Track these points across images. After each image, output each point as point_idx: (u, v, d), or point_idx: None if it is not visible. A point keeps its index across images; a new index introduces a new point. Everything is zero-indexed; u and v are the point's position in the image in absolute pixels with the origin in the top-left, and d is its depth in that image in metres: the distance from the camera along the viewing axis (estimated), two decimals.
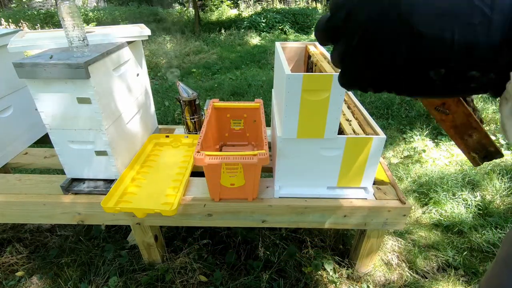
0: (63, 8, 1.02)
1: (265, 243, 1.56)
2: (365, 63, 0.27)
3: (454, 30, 0.23)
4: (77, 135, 1.19)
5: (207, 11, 10.50)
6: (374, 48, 0.26)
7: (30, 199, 1.25)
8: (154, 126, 1.74)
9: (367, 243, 1.35)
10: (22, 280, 1.41)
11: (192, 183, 1.33)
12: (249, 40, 6.90)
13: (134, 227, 1.31)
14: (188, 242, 1.55)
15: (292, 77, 0.97)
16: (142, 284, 1.37)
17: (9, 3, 11.39)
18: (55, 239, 1.62)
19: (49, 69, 1.03)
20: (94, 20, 8.75)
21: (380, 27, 0.25)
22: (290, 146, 1.13)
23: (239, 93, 3.65)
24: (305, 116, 1.04)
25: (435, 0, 0.23)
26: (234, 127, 1.60)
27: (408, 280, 1.42)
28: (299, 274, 1.43)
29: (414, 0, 0.24)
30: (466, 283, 1.41)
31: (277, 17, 8.20)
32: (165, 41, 6.35)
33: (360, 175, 1.20)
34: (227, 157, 1.10)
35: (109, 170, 1.28)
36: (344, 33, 0.27)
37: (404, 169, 2.17)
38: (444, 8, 0.23)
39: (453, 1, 0.23)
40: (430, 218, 1.77)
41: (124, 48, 1.31)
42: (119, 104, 1.28)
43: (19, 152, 1.61)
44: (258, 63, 5.06)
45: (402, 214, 1.23)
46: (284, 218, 1.25)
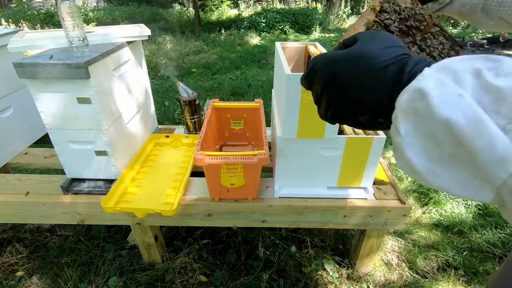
0: (63, 8, 1.02)
1: (265, 243, 1.56)
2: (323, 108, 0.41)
3: (367, 101, 0.37)
4: (77, 135, 1.19)
5: (207, 11, 10.50)
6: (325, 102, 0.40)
7: (30, 199, 1.25)
8: (154, 126, 1.74)
9: (367, 243, 1.35)
10: (22, 280, 1.41)
11: (192, 183, 1.33)
12: (249, 40, 6.90)
13: (134, 227, 1.31)
14: (188, 242, 1.55)
15: (292, 77, 0.97)
16: (142, 284, 1.37)
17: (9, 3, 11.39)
18: (55, 239, 1.62)
19: (49, 69, 1.03)
20: (94, 20, 8.76)
21: (328, 89, 0.39)
22: (290, 146, 1.13)
23: (239, 93, 3.65)
24: (305, 116, 1.04)
25: (357, 81, 0.36)
26: (234, 127, 1.60)
27: (408, 280, 1.42)
28: (299, 274, 1.43)
29: (345, 75, 0.37)
30: (466, 283, 1.41)
31: (277, 17, 8.20)
32: (165, 41, 6.35)
33: (360, 175, 1.20)
34: (227, 157, 1.10)
35: (109, 170, 1.28)
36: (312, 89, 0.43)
37: None
38: (362, 84, 0.36)
39: (366, 86, 0.36)
40: (430, 218, 1.77)
41: (124, 48, 1.31)
42: (119, 104, 1.28)
43: (19, 152, 1.61)
44: (258, 63, 5.06)
45: (402, 214, 1.23)
46: (284, 218, 1.25)
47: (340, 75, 0.37)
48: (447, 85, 0.29)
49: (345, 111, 0.39)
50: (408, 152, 0.32)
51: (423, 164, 0.32)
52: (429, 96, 0.29)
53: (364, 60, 0.36)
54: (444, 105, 0.28)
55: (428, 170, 0.32)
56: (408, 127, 0.32)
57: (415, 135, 0.32)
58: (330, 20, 8.91)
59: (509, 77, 0.27)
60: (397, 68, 0.34)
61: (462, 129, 0.27)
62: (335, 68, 0.37)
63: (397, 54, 0.35)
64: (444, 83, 0.29)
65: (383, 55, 0.35)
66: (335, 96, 0.39)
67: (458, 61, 0.30)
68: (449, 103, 0.28)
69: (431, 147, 0.31)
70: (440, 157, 0.31)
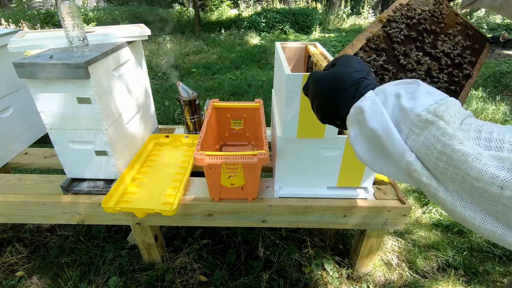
0: (63, 8, 1.02)
1: (265, 243, 1.56)
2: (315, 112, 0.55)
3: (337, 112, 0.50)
4: (77, 135, 1.19)
5: (207, 11, 10.50)
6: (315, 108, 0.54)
7: (30, 199, 1.25)
8: (154, 126, 1.74)
9: (367, 243, 1.35)
10: (22, 280, 1.41)
11: (192, 183, 1.33)
12: (249, 40, 6.90)
13: (134, 227, 1.31)
14: (188, 242, 1.55)
15: (292, 77, 0.97)
16: (142, 284, 1.37)
17: (9, 3, 11.39)
18: (55, 239, 1.62)
19: (49, 69, 1.03)
20: (94, 20, 8.76)
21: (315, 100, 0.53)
22: (290, 146, 1.13)
23: (239, 93, 3.65)
24: (305, 116, 1.04)
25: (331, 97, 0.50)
26: (234, 127, 1.60)
27: (408, 280, 1.42)
28: (299, 274, 1.43)
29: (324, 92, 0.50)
30: (466, 283, 1.41)
31: (277, 17, 8.20)
32: (165, 41, 6.35)
33: (360, 175, 1.20)
34: (227, 157, 1.10)
35: (109, 170, 1.28)
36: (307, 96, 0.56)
37: None
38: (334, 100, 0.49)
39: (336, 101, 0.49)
40: (430, 218, 1.77)
41: (124, 48, 1.31)
42: (119, 104, 1.28)
43: (19, 152, 1.61)
44: (258, 63, 5.06)
45: (402, 214, 1.23)
46: (284, 218, 1.25)
47: (322, 91, 0.51)
48: (376, 104, 0.42)
49: (326, 116, 0.53)
50: (356, 148, 0.46)
51: (365, 155, 0.46)
52: (364, 112, 0.43)
53: (336, 82, 0.49)
54: (372, 119, 0.42)
55: (369, 160, 0.46)
56: (355, 131, 0.46)
57: (359, 137, 0.45)
58: (330, 20, 8.91)
59: (413, 100, 0.39)
60: (354, 89, 0.47)
61: (380, 135, 0.41)
62: (319, 86, 0.51)
63: (357, 78, 0.47)
64: (375, 104, 0.42)
65: (348, 78, 0.47)
66: (319, 106, 0.53)
67: (390, 85, 0.44)
68: (375, 118, 0.42)
69: (368, 145, 0.45)
70: (375, 152, 0.45)
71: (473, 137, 0.34)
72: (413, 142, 0.38)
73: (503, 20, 7.88)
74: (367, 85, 0.46)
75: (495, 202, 0.32)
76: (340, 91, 0.48)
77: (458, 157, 0.33)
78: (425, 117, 0.37)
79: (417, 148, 0.38)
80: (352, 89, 0.47)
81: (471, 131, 0.35)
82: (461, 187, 0.34)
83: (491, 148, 0.33)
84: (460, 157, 0.33)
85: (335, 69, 0.50)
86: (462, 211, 0.35)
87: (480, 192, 0.33)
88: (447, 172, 0.35)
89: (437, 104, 0.37)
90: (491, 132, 0.34)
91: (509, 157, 0.31)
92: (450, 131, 0.35)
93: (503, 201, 0.31)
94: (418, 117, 0.38)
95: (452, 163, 0.34)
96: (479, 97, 3.34)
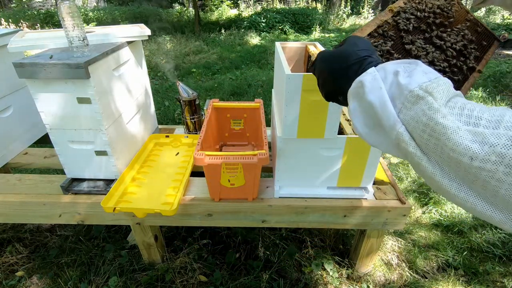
0: (63, 8, 1.02)
1: (265, 243, 1.56)
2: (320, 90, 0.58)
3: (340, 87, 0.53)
4: (77, 135, 1.19)
5: (207, 11, 10.50)
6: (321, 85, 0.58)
7: (30, 199, 1.25)
8: (154, 126, 1.74)
9: (367, 243, 1.35)
10: (22, 280, 1.41)
11: (192, 183, 1.33)
12: (249, 40, 6.90)
13: (134, 227, 1.31)
14: (188, 242, 1.55)
15: (292, 77, 0.97)
16: (142, 284, 1.37)
17: (9, 3, 11.38)
18: (55, 239, 1.62)
19: (49, 69, 1.03)
20: (94, 20, 8.76)
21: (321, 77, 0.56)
22: (290, 146, 1.13)
23: (239, 93, 3.65)
24: (305, 116, 1.04)
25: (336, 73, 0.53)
26: (234, 127, 1.60)
27: (408, 280, 1.42)
28: (299, 274, 1.43)
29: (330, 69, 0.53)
30: (466, 283, 1.41)
31: (277, 17, 8.20)
32: (165, 41, 6.35)
33: (360, 175, 1.20)
34: (227, 157, 1.10)
35: (109, 170, 1.27)
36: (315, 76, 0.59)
37: (404, 169, 2.17)
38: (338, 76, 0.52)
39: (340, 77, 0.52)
40: (430, 218, 1.77)
41: (124, 48, 1.31)
42: (119, 104, 1.28)
43: (19, 152, 1.61)
44: (258, 63, 5.06)
45: (402, 214, 1.23)
46: (284, 218, 1.25)
47: (328, 67, 0.54)
48: (376, 80, 0.45)
49: (330, 92, 0.56)
50: (355, 121, 0.50)
51: (363, 129, 0.49)
52: (365, 86, 0.46)
53: (341, 58, 0.52)
54: (370, 93, 0.45)
55: (365, 133, 0.49)
56: (354, 105, 0.49)
57: (358, 110, 0.48)
58: (330, 20, 8.90)
59: (410, 79, 0.42)
60: (358, 66, 0.49)
61: (377, 108, 0.44)
62: (326, 63, 0.55)
63: (362, 56, 0.50)
64: (375, 79, 0.45)
65: (354, 56, 0.50)
66: (324, 83, 0.56)
67: (391, 63, 0.46)
68: (373, 92, 0.45)
69: (366, 118, 0.48)
70: (371, 125, 0.48)
71: (456, 113, 0.38)
72: (404, 116, 0.41)
73: (503, 20, 7.88)
74: (370, 62, 0.49)
75: (467, 172, 0.35)
76: (345, 67, 0.51)
77: (439, 129, 0.37)
78: (416, 93, 0.40)
79: (407, 121, 0.41)
80: (356, 65, 0.50)
81: (456, 108, 0.38)
82: (441, 157, 0.38)
83: (470, 124, 0.36)
84: (441, 129, 0.37)
85: (342, 47, 0.54)
86: (440, 180, 0.39)
87: (455, 162, 0.36)
88: (429, 144, 0.39)
89: (429, 82, 0.40)
90: (472, 110, 0.37)
91: (482, 132, 0.34)
92: (436, 106, 0.38)
93: (473, 171, 0.34)
94: (411, 93, 0.41)
95: (434, 135, 0.38)
96: (479, 97, 3.34)
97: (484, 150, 0.33)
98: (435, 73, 0.43)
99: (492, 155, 0.32)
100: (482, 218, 0.37)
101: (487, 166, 0.33)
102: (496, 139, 0.33)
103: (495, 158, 0.32)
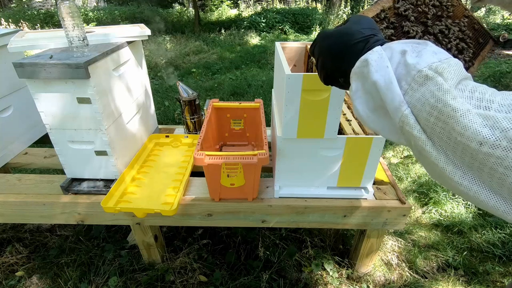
0: (63, 8, 1.02)
1: (265, 243, 1.56)
2: (319, 72, 0.55)
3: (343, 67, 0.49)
4: (77, 135, 1.19)
5: (207, 11, 10.50)
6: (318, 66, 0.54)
7: (30, 199, 1.25)
8: (154, 126, 1.74)
9: (367, 243, 1.35)
10: (22, 280, 1.41)
11: (192, 183, 1.33)
12: (249, 40, 6.90)
13: (134, 227, 1.31)
14: (188, 242, 1.55)
15: (292, 77, 0.97)
16: (142, 284, 1.37)
17: (9, 3, 11.38)
18: (55, 239, 1.62)
19: (49, 69, 1.03)
20: (94, 20, 8.75)
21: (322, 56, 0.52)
22: (290, 146, 1.13)
23: (239, 93, 3.65)
24: (305, 116, 1.04)
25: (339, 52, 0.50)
26: (234, 127, 1.60)
27: (408, 280, 1.42)
28: (299, 274, 1.43)
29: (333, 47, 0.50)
30: (466, 283, 1.41)
31: (277, 17, 8.20)
32: (165, 41, 6.35)
33: (360, 175, 1.20)
34: (227, 157, 1.10)
35: (109, 170, 1.27)
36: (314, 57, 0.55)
37: (404, 169, 2.17)
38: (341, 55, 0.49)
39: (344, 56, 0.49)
40: (430, 218, 1.77)
41: (124, 48, 1.31)
42: (119, 104, 1.28)
43: (19, 152, 1.61)
44: (258, 63, 5.06)
45: (402, 214, 1.23)
46: (284, 218, 1.25)
47: (330, 46, 0.51)
48: (383, 58, 0.42)
49: (331, 74, 0.53)
50: (356, 103, 0.47)
51: (364, 111, 0.46)
52: (370, 65, 0.43)
53: (345, 36, 0.49)
54: (376, 72, 0.42)
55: (367, 116, 0.46)
56: (357, 85, 0.46)
57: (361, 91, 0.46)
58: (330, 20, 8.90)
59: (418, 58, 0.40)
60: (363, 44, 0.47)
61: (382, 88, 0.41)
62: (328, 41, 0.51)
63: (367, 34, 0.47)
64: (382, 57, 0.43)
65: (358, 34, 0.48)
66: (324, 63, 0.53)
67: (397, 43, 0.44)
68: (379, 71, 0.42)
69: (368, 100, 0.45)
70: (373, 107, 0.45)
71: (467, 96, 0.35)
72: (410, 98, 0.39)
73: (503, 20, 7.88)
74: (376, 40, 0.47)
75: (474, 158, 0.33)
76: (349, 46, 0.48)
77: (448, 112, 0.35)
78: (425, 73, 0.38)
79: (412, 104, 0.39)
80: (360, 44, 0.47)
81: (466, 91, 0.36)
82: (447, 143, 0.36)
83: (481, 107, 0.34)
84: (450, 112, 0.35)
85: (346, 26, 0.51)
86: (444, 166, 0.37)
87: (462, 148, 0.34)
88: (436, 128, 0.36)
89: (439, 62, 0.38)
90: (484, 93, 0.35)
91: (494, 116, 0.32)
92: (446, 87, 0.36)
93: (480, 157, 0.32)
94: (419, 73, 0.38)
95: (442, 118, 0.35)
96: None
97: (495, 135, 0.31)
98: (445, 54, 0.40)
99: (503, 140, 0.31)
100: (485, 208, 0.35)
101: (497, 152, 0.31)
102: (509, 124, 0.31)
103: (506, 143, 0.30)
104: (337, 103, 1.01)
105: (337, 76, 0.52)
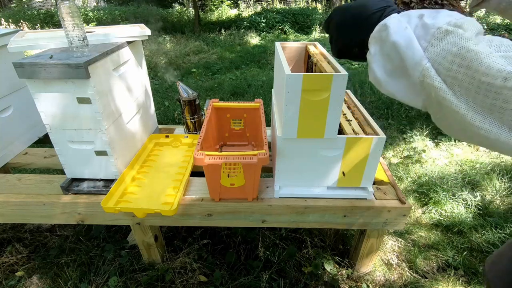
0: (63, 8, 1.02)
1: (265, 243, 1.56)
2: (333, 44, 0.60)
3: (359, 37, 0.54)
4: (77, 135, 1.19)
5: (207, 11, 10.50)
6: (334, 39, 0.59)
7: (30, 199, 1.25)
8: (154, 126, 1.74)
9: (367, 243, 1.35)
10: (22, 280, 1.41)
11: (192, 183, 1.33)
12: (249, 40, 6.90)
13: (134, 227, 1.31)
14: (188, 242, 1.55)
15: (292, 77, 0.97)
16: (142, 284, 1.37)
17: (9, 3, 11.38)
18: (55, 239, 1.62)
19: (49, 69, 1.03)
20: (94, 20, 8.75)
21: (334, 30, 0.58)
22: (290, 146, 1.13)
23: (239, 93, 3.65)
24: (305, 116, 1.04)
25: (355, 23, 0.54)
26: (234, 127, 1.60)
27: (408, 280, 1.42)
28: (299, 274, 1.43)
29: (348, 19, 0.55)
30: (466, 283, 1.41)
31: (277, 17, 8.20)
32: (165, 41, 6.35)
33: (360, 175, 1.20)
34: (227, 157, 1.10)
35: (109, 170, 1.27)
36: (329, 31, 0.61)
37: (404, 169, 2.17)
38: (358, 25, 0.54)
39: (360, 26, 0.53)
40: (430, 218, 1.77)
41: (124, 48, 1.31)
42: (119, 104, 1.28)
43: (19, 152, 1.61)
44: (258, 63, 5.06)
45: (402, 214, 1.23)
46: (284, 218, 1.25)
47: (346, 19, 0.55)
48: (401, 22, 0.46)
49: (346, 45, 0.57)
50: (374, 66, 0.50)
51: (382, 75, 0.50)
52: (389, 28, 0.47)
53: (362, 8, 0.53)
54: (395, 33, 0.46)
55: (384, 79, 0.50)
56: (376, 48, 0.50)
57: (379, 54, 0.49)
58: None
59: (436, 19, 0.43)
60: (380, 14, 0.50)
61: (401, 46, 0.45)
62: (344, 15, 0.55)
63: (382, 6, 0.51)
64: (400, 21, 0.46)
65: (373, 5, 0.52)
66: (340, 35, 0.57)
67: (414, 10, 0.47)
68: (398, 32, 0.45)
69: (387, 63, 0.49)
70: (391, 70, 0.49)
71: (486, 44, 0.39)
72: (430, 54, 0.42)
73: (503, 20, 7.88)
74: (392, 10, 0.51)
75: (497, 95, 0.36)
76: (365, 16, 0.52)
77: (471, 56, 0.38)
78: (445, 28, 0.41)
79: (433, 59, 0.42)
80: (377, 14, 0.51)
81: (484, 41, 0.39)
82: (468, 88, 0.38)
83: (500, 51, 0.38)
84: (473, 56, 0.37)
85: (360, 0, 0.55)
86: (465, 113, 0.39)
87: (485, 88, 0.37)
88: (457, 75, 0.39)
89: (456, 20, 0.42)
90: (501, 41, 0.39)
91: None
92: (467, 35, 0.39)
93: (505, 92, 0.35)
94: (438, 30, 0.42)
95: (464, 64, 0.38)
96: None
97: None
98: (460, 15, 0.44)
99: None
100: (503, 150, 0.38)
101: None
102: None
103: None
104: (337, 103, 1.01)
105: (353, 45, 0.56)
